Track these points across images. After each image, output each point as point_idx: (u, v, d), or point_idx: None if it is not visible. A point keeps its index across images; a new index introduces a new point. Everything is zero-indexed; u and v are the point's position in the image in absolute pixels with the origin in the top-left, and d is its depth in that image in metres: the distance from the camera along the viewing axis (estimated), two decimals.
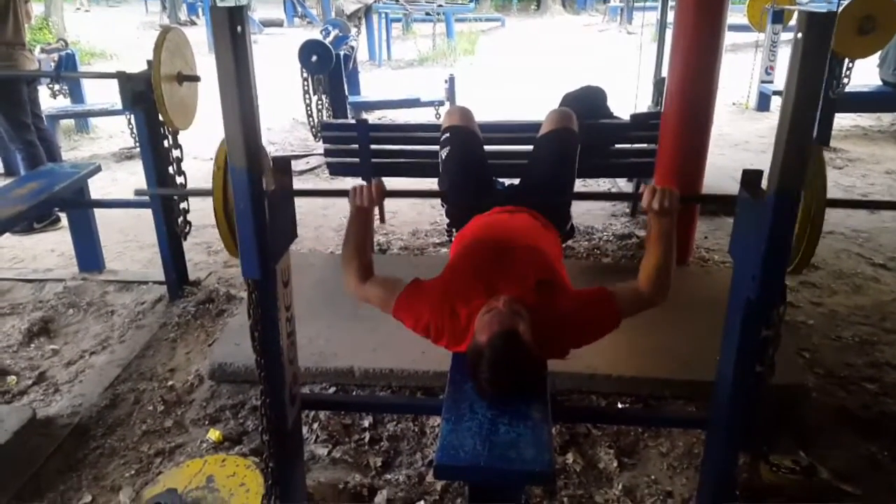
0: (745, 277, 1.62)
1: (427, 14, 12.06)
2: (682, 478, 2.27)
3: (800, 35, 1.39)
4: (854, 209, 4.38)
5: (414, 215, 4.52)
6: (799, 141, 1.43)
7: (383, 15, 11.26)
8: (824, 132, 5.90)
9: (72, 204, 3.61)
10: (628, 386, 2.63)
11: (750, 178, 1.65)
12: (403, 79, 9.63)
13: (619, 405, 2.61)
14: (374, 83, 8.87)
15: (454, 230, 2.54)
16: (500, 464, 1.59)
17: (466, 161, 2.62)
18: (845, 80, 5.62)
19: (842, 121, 6.47)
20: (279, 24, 15.26)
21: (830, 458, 2.31)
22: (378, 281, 2.01)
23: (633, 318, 1.93)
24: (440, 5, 12.15)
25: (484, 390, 1.78)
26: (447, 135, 2.67)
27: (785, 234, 1.49)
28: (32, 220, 4.22)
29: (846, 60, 5.49)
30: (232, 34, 1.47)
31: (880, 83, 6.24)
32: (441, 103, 6.37)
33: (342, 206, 4.65)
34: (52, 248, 4.05)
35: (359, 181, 3.07)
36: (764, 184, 1.59)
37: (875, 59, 6.06)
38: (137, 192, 2.34)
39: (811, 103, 1.41)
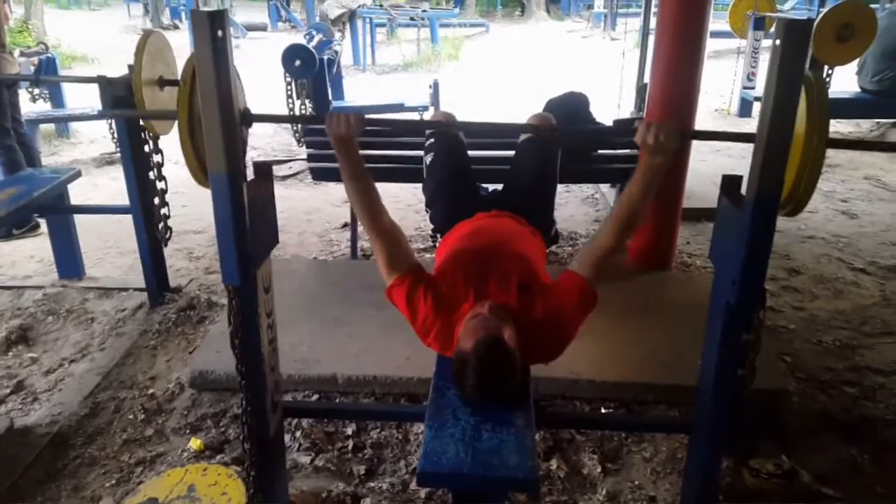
0: (725, 282, 1.63)
1: (411, 19, 12.08)
2: (666, 482, 2.28)
3: (777, 42, 1.40)
4: (856, 150, 4.26)
5: (398, 220, 4.50)
6: (777, 146, 1.44)
7: (368, 20, 11.26)
8: None
9: (51, 210, 3.57)
10: (611, 391, 2.63)
11: (729, 183, 1.66)
12: (388, 84, 9.63)
13: (603, 410, 2.61)
14: (358, 88, 8.86)
15: (438, 236, 2.54)
16: (483, 470, 1.59)
17: (451, 166, 2.62)
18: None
19: None
20: (263, 28, 15.21)
21: (812, 462, 2.32)
22: (389, 237, 1.97)
23: (617, 323, 1.94)
24: (424, 11, 12.18)
25: (468, 396, 1.78)
26: (431, 140, 2.67)
27: (764, 238, 1.50)
28: (12, 226, 4.17)
29: (826, 67, 5.56)
30: (212, 38, 1.46)
31: (859, 90, 6.32)
32: (425, 108, 6.37)
33: (326, 212, 4.64)
34: (31, 255, 4.00)
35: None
36: (743, 189, 1.60)
37: (854, 66, 6.14)
38: (100, 113, 2.18)
39: (789, 109, 1.43)
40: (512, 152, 2.84)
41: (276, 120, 3.73)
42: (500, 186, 2.75)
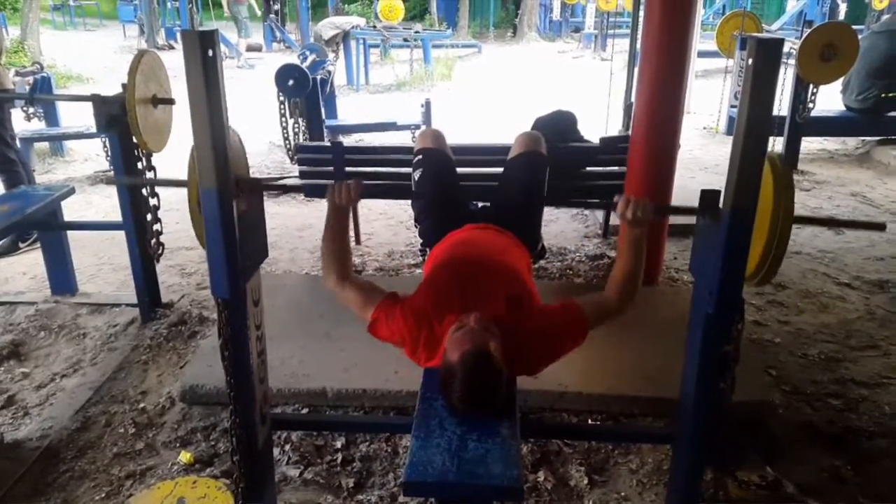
0: (703, 293, 1.67)
1: (405, 40, 12.16)
2: (651, 494, 2.30)
3: (751, 60, 1.45)
4: (820, 227, 4.49)
5: (389, 236, 4.56)
6: (751, 161, 1.49)
7: (361, 41, 11.35)
8: (792, 155, 6.04)
9: (44, 226, 3.59)
10: (598, 403, 2.66)
11: (707, 197, 1.71)
12: (381, 103, 9.70)
13: (590, 422, 2.63)
14: (351, 107, 8.94)
15: (428, 249, 2.58)
16: (469, 479, 1.61)
17: (439, 182, 2.67)
18: (811, 105, 5.78)
19: (809, 144, 6.64)
20: (258, 48, 15.32)
21: (796, 473, 2.35)
22: (358, 284, 2.03)
23: (604, 336, 1.97)
24: (417, 32, 12.28)
25: (455, 408, 1.81)
26: (419, 157, 2.71)
27: (740, 250, 1.54)
28: (17, 241, 4.22)
29: (811, 86, 5.66)
30: (203, 57, 1.50)
31: (844, 108, 6.42)
32: (417, 127, 6.43)
33: (318, 229, 4.66)
34: (24, 271, 4.02)
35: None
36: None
37: (839, 84, 6.25)
38: (108, 181, 2.25)
39: (762, 125, 1.48)
40: (500, 169, 2.89)
41: (275, 188, 3.76)
42: (488, 203, 2.79)
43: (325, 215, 2.00)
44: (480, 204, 2.89)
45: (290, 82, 5.50)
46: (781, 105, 5.75)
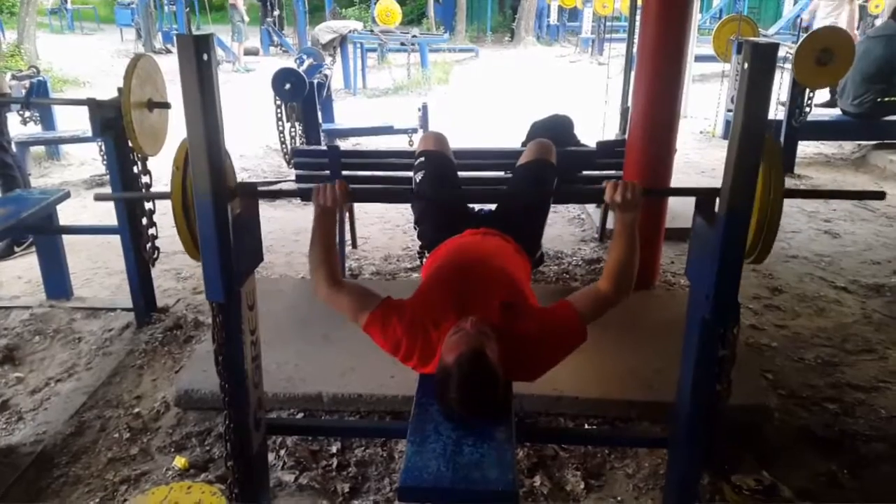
0: (700, 297, 1.67)
1: (402, 44, 12.18)
2: (648, 499, 2.29)
3: (746, 64, 1.45)
4: (812, 199, 4.48)
5: (385, 240, 4.55)
6: (747, 164, 1.49)
7: (358, 45, 11.36)
8: (789, 159, 6.06)
9: (39, 230, 3.58)
10: (595, 408, 2.66)
11: (703, 201, 1.71)
12: (378, 107, 9.70)
13: (586, 426, 2.63)
14: (348, 111, 8.94)
15: (426, 252, 2.57)
16: (464, 484, 1.61)
17: (441, 184, 2.66)
18: (807, 109, 5.80)
19: (806, 148, 6.65)
20: (255, 52, 15.34)
21: (792, 477, 2.34)
22: (350, 289, 2.02)
23: (600, 340, 1.97)
24: (414, 36, 12.29)
25: (451, 411, 1.80)
26: (421, 159, 2.71)
27: (736, 253, 1.54)
28: (12, 245, 4.22)
29: (807, 90, 5.68)
30: (198, 61, 1.50)
31: (840, 113, 6.44)
32: (414, 131, 6.44)
33: None
34: (19, 276, 4.00)
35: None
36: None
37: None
38: (97, 197, 2.24)
39: (758, 128, 1.48)
40: (501, 173, 2.89)
41: (269, 194, 3.80)
42: (488, 206, 2.78)
43: (313, 219, 1.99)
44: (478, 207, 2.89)
45: (287, 86, 5.50)
46: (778, 109, 5.77)
